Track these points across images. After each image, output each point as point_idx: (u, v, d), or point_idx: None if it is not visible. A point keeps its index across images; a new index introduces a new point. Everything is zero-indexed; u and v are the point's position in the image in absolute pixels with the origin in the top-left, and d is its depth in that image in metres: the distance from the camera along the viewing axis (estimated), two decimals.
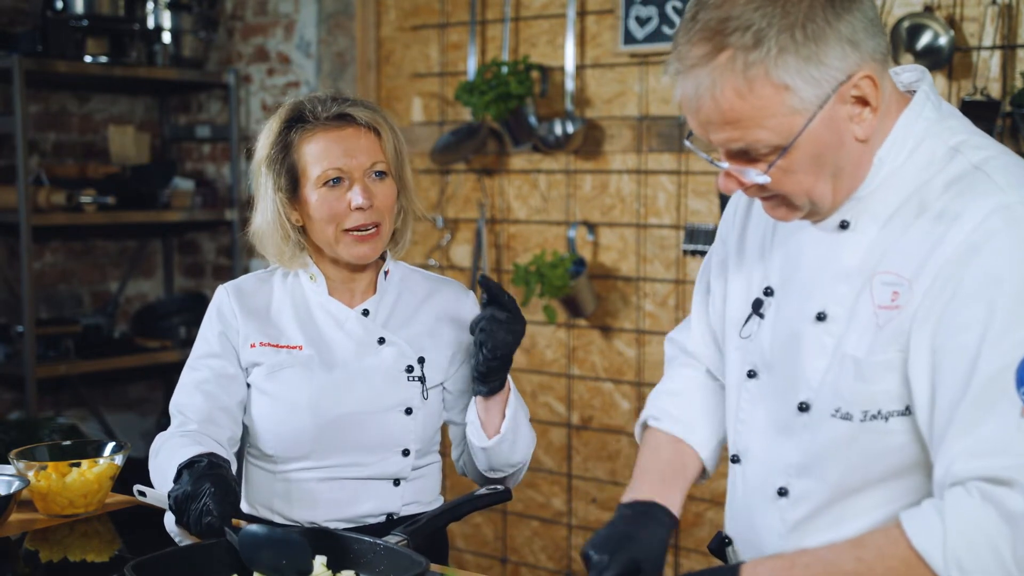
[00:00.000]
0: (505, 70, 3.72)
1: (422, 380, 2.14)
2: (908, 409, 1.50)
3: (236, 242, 4.56)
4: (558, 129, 3.71)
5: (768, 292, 1.67)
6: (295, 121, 2.12)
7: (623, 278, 3.75)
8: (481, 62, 3.93)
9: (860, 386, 1.52)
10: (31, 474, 2.09)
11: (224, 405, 2.11)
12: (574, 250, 3.78)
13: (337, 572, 1.73)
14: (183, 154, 4.81)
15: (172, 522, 1.88)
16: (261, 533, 1.73)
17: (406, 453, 2.13)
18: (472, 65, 3.93)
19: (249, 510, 2.16)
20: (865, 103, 1.48)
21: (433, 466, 2.21)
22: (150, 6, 4.38)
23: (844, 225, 1.57)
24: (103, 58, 4.16)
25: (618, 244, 3.76)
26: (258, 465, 2.17)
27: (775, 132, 1.46)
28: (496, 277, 4.02)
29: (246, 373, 2.14)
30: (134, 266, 4.79)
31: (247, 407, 2.14)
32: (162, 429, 2.14)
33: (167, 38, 4.40)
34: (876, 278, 1.52)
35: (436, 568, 1.81)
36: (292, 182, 2.12)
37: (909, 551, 1.41)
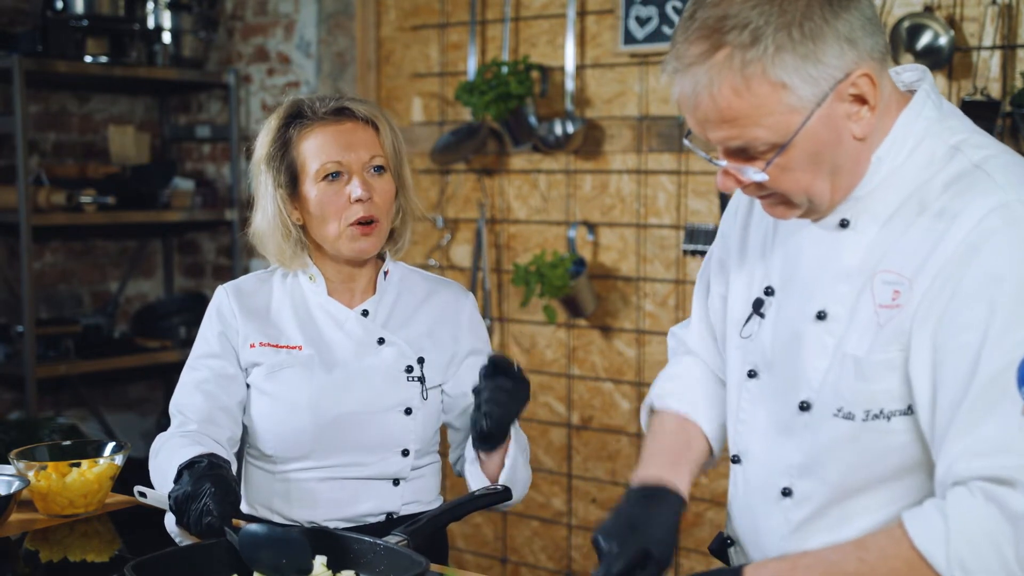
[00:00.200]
0: (505, 70, 3.72)
1: (422, 380, 2.14)
2: (910, 408, 1.50)
3: (236, 242, 4.55)
4: (558, 129, 3.71)
5: (769, 292, 1.67)
6: (294, 118, 2.13)
7: (623, 278, 3.75)
8: (481, 62, 3.93)
9: (861, 385, 1.52)
10: (31, 474, 2.09)
11: (224, 405, 2.11)
12: (574, 250, 3.78)
13: (337, 572, 1.73)
14: (183, 154, 4.81)
15: (172, 522, 1.88)
16: (261, 532, 1.73)
17: (406, 453, 2.13)
18: (472, 65, 3.93)
19: (249, 510, 2.16)
20: (863, 101, 1.48)
21: (433, 466, 2.21)
22: (150, 6, 4.38)
23: (844, 224, 1.57)
24: (103, 58, 4.16)
25: (618, 244, 3.76)
26: (257, 465, 2.17)
27: (773, 130, 1.47)
28: (496, 277, 4.03)
29: (246, 373, 2.14)
30: (134, 266, 4.79)
31: (247, 407, 2.14)
32: (162, 429, 2.14)
33: (167, 38, 4.40)
34: (877, 277, 1.52)
35: (436, 568, 1.81)
36: (292, 179, 2.12)
37: (912, 552, 1.41)
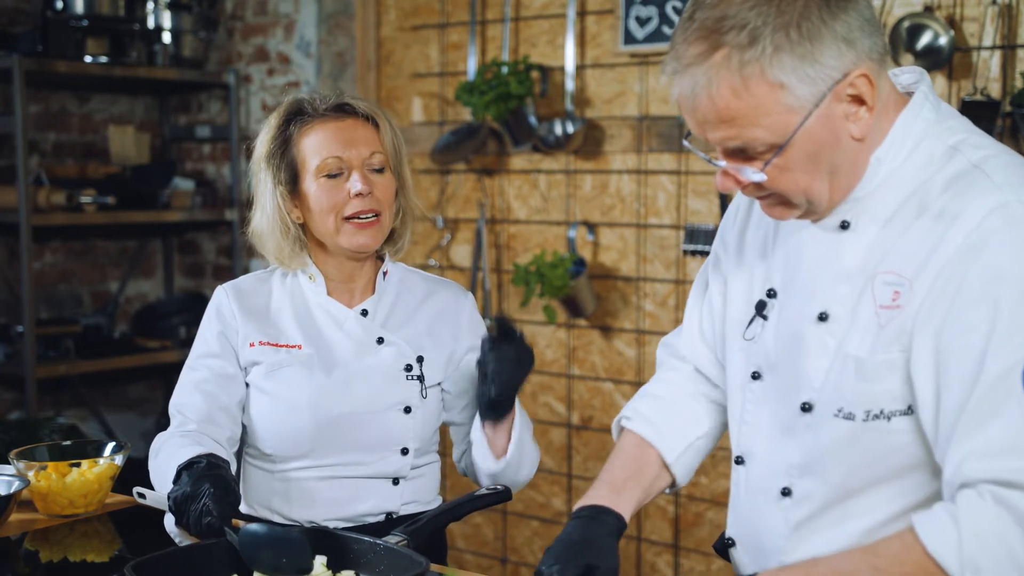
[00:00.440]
0: (505, 70, 3.72)
1: (421, 379, 2.14)
2: (910, 409, 1.51)
3: (236, 242, 4.56)
4: (558, 129, 3.71)
5: (771, 294, 1.67)
6: (294, 115, 2.13)
7: (623, 278, 3.76)
8: (481, 62, 3.93)
9: (862, 386, 1.52)
10: (31, 474, 2.09)
11: (223, 405, 2.11)
12: (574, 250, 3.78)
13: (337, 572, 1.73)
14: (183, 154, 4.81)
15: (172, 523, 1.88)
16: (261, 532, 1.73)
17: (405, 452, 2.13)
18: (472, 65, 3.93)
19: (248, 510, 2.16)
20: (861, 102, 1.49)
21: (432, 466, 2.21)
22: (150, 6, 4.38)
23: (844, 225, 1.57)
24: (103, 58, 4.16)
25: (618, 244, 3.76)
26: (256, 465, 2.17)
27: (771, 130, 1.47)
28: (496, 277, 4.03)
29: (245, 373, 2.14)
30: (134, 266, 4.79)
31: (246, 407, 2.14)
32: (162, 429, 2.14)
33: (167, 38, 4.40)
34: (877, 278, 1.53)
35: (436, 568, 1.81)
36: (292, 176, 2.12)
37: (924, 557, 1.41)
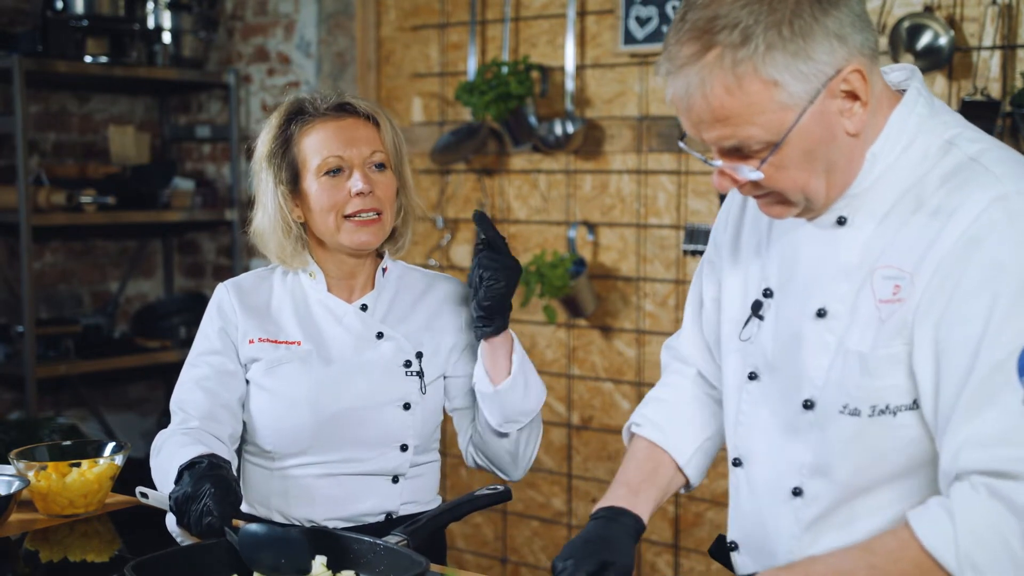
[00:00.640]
0: (505, 70, 3.72)
1: (420, 375, 2.15)
2: (916, 403, 1.51)
3: (236, 242, 4.56)
4: (558, 129, 3.71)
5: (767, 293, 1.67)
6: (295, 115, 2.14)
7: (623, 278, 3.76)
8: (481, 62, 3.93)
9: (867, 381, 1.52)
10: (31, 474, 2.09)
11: (225, 402, 2.12)
12: (574, 250, 3.78)
13: (337, 572, 1.73)
14: (183, 154, 4.81)
15: (174, 523, 1.89)
16: (260, 532, 1.73)
17: (404, 448, 2.13)
18: (472, 65, 3.93)
19: (248, 509, 2.17)
20: (855, 97, 1.49)
21: (432, 465, 2.21)
22: (150, 6, 4.38)
23: (841, 222, 1.57)
24: (103, 58, 4.16)
25: (618, 244, 3.76)
26: (255, 463, 2.17)
27: (766, 128, 1.47)
28: None
29: (245, 369, 2.14)
30: (134, 266, 4.79)
31: (246, 403, 2.15)
32: (162, 429, 2.14)
33: (167, 38, 4.40)
34: (876, 273, 1.53)
35: (436, 568, 1.81)
36: (293, 175, 2.13)
37: (921, 553, 1.41)
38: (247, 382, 2.15)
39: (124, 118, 4.71)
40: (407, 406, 2.13)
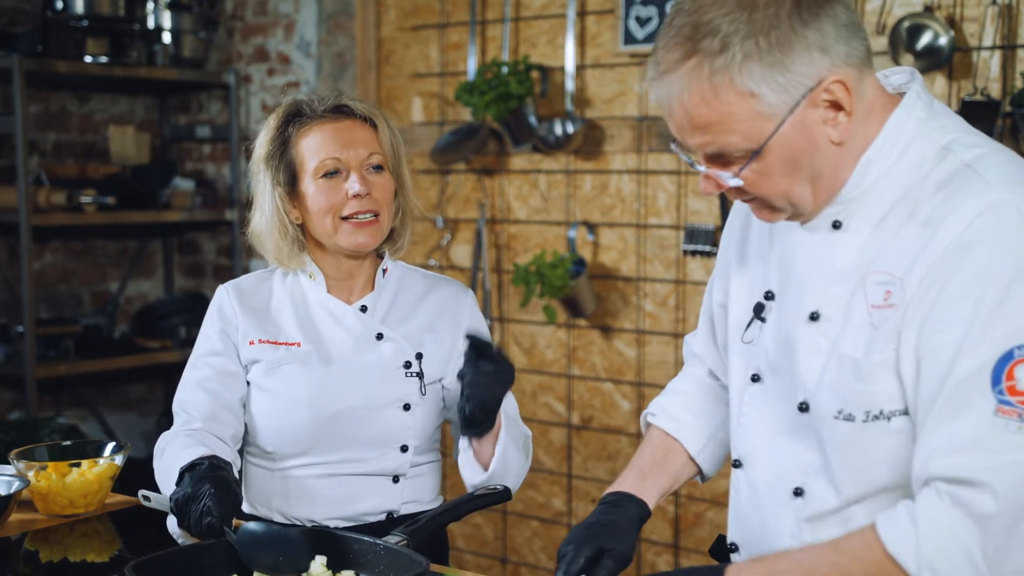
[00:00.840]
0: (505, 70, 3.72)
1: (420, 376, 2.15)
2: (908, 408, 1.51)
3: (236, 242, 4.56)
4: (558, 129, 3.71)
5: (769, 296, 1.68)
6: (293, 116, 2.14)
7: (623, 278, 3.75)
8: (481, 62, 3.93)
9: (860, 386, 1.53)
10: (31, 474, 2.09)
11: (227, 403, 2.12)
12: (574, 250, 3.78)
13: (337, 572, 1.73)
14: (183, 154, 4.81)
15: (175, 524, 1.89)
16: (259, 531, 1.74)
17: (404, 449, 2.13)
18: (472, 65, 3.93)
19: (249, 509, 2.17)
20: (839, 107, 1.49)
21: (432, 465, 2.21)
22: (150, 6, 4.38)
23: (837, 226, 1.58)
24: (103, 58, 4.16)
25: (618, 244, 3.76)
26: (256, 463, 2.17)
27: (745, 136, 1.48)
28: (496, 277, 4.03)
29: (246, 370, 2.15)
30: (134, 266, 4.79)
31: (246, 404, 2.15)
32: (162, 429, 2.15)
33: (167, 38, 4.40)
34: (869, 278, 1.53)
35: (436, 568, 1.81)
36: (291, 177, 2.13)
37: (883, 555, 1.43)
38: (248, 383, 2.15)
39: (124, 118, 4.71)
40: (407, 407, 2.13)
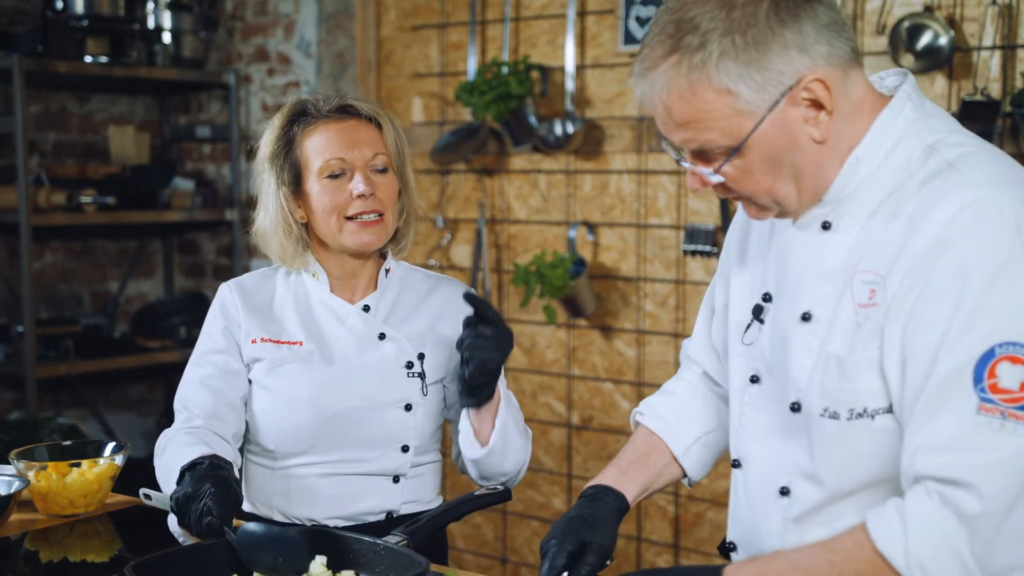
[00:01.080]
0: (505, 70, 3.72)
1: (422, 376, 2.15)
2: (892, 406, 1.52)
3: (236, 242, 4.56)
4: (558, 129, 3.71)
5: (767, 298, 1.69)
6: (298, 116, 2.14)
7: (623, 278, 3.76)
8: (481, 62, 3.93)
9: (844, 385, 1.54)
10: (31, 474, 2.09)
11: (229, 400, 2.12)
12: (574, 250, 3.78)
13: (337, 572, 1.73)
14: (183, 154, 4.81)
15: (175, 523, 1.89)
16: (258, 531, 1.74)
17: (405, 449, 2.13)
18: (472, 65, 3.93)
19: (249, 508, 2.17)
20: (820, 106, 1.50)
21: (433, 465, 2.21)
22: (150, 6, 4.38)
23: (826, 226, 1.59)
24: (103, 58, 4.16)
25: (618, 244, 3.76)
26: (257, 462, 2.17)
27: (724, 133, 1.50)
28: (496, 277, 4.03)
29: (248, 369, 2.15)
30: (134, 266, 4.79)
31: (248, 403, 2.15)
32: (162, 429, 2.14)
33: (167, 38, 4.40)
34: (856, 277, 1.55)
35: (436, 568, 1.81)
36: (295, 176, 2.13)
37: (874, 554, 1.43)
38: (249, 382, 2.15)
39: (124, 118, 4.71)
40: (408, 407, 2.13)
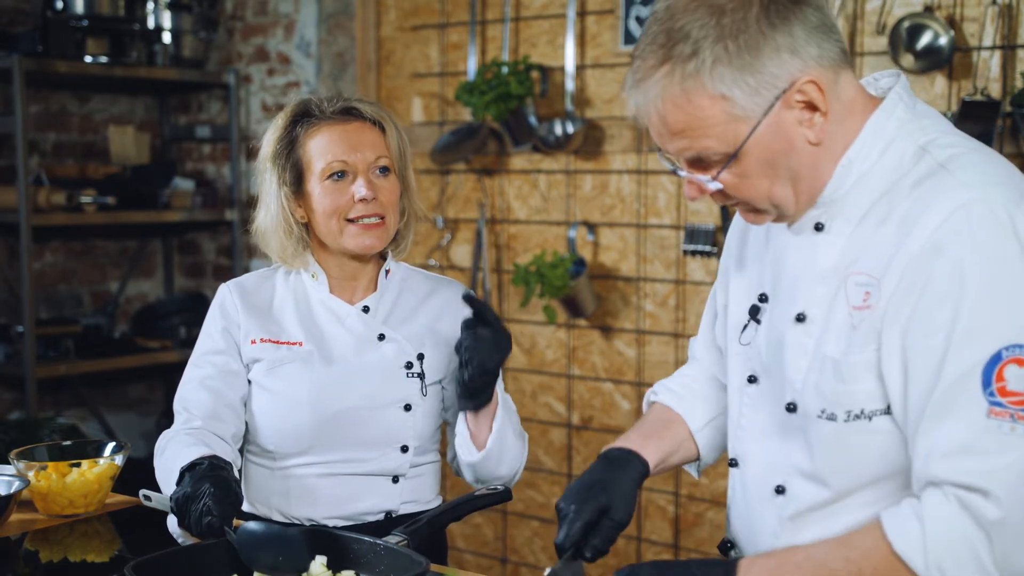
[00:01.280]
0: (505, 70, 3.72)
1: (421, 376, 2.15)
2: (889, 408, 1.52)
3: (236, 242, 4.56)
4: (558, 129, 3.71)
5: (763, 298, 1.70)
6: (301, 116, 2.14)
7: (623, 278, 3.76)
8: (481, 62, 3.93)
9: (841, 387, 1.54)
10: (31, 474, 2.09)
11: (229, 401, 2.12)
12: (574, 250, 3.78)
13: (337, 572, 1.73)
14: (183, 154, 4.81)
15: (175, 524, 1.89)
16: (258, 530, 1.74)
17: (405, 449, 2.13)
18: (472, 65, 3.93)
19: (249, 508, 2.17)
20: (814, 108, 1.50)
21: (432, 465, 2.21)
22: (150, 6, 4.38)
23: (819, 228, 1.59)
24: (103, 58, 4.16)
25: (618, 244, 3.76)
26: (256, 462, 2.17)
27: (721, 140, 1.50)
28: (496, 277, 4.03)
29: (247, 369, 2.15)
30: (134, 266, 4.79)
31: (248, 403, 2.15)
32: (162, 429, 2.14)
33: (167, 38, 4.40)
34: (850, 279, 1.55)
35: (436, 568, 1.81)
36: (296, 177, 2.13)
37: (892, 554, 1.43)
38: (249, 382, 2.15)
39: (124, 118, 4.71)
40: (408, 407, 2.13)
